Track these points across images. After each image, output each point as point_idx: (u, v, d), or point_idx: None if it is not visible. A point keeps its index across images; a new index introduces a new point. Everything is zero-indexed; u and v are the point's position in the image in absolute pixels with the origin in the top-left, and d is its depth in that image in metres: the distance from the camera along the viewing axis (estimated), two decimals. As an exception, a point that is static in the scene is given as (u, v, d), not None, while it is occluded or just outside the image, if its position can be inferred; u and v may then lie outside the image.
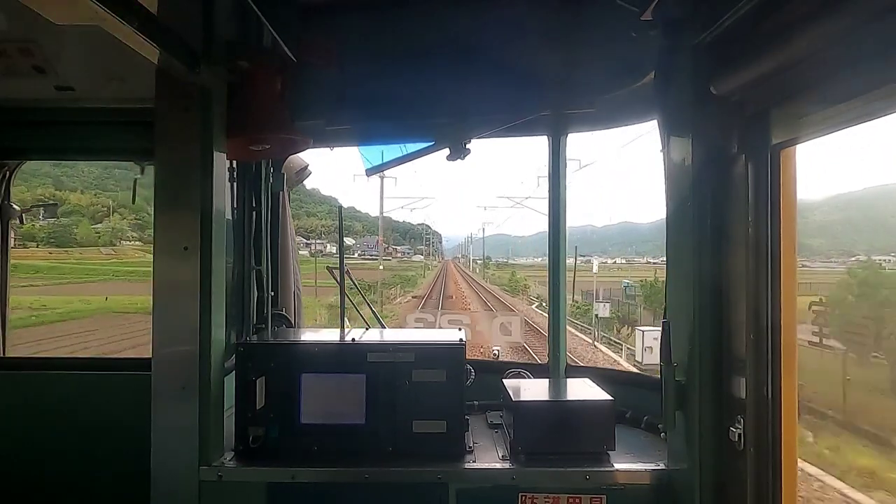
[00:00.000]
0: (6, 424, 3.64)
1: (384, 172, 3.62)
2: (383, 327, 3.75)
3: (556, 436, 2.68)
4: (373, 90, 3.19)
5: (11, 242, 4.15)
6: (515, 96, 3.15)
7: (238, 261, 3.46)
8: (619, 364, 21.01)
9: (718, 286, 2.28)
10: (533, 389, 3.05)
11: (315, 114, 3.22)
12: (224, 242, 2.76)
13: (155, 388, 2.57)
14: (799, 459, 2.08)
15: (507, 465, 2.65)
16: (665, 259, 2.57)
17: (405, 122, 3.36)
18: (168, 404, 2.55)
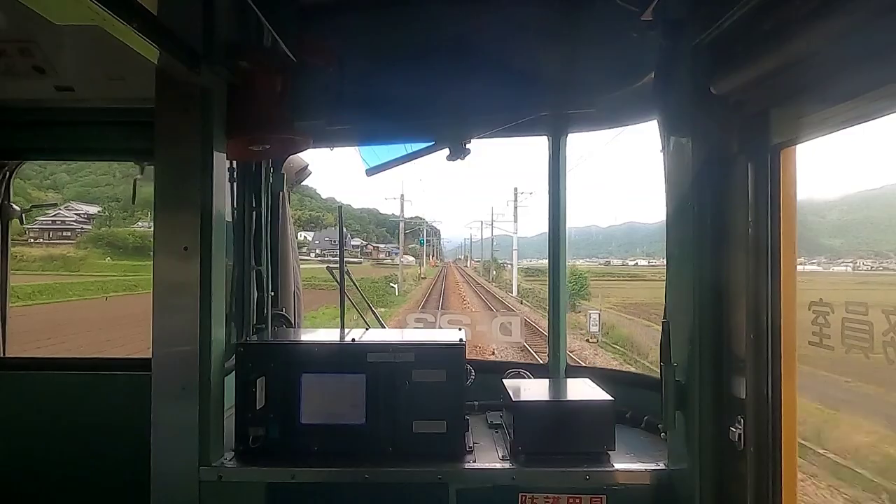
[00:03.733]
0: (6, 424, 3.65)
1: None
2: (383, 327, 3.75)
3: (556, 436, 2.68)
4: (373, 90, 3.19)
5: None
6: (515, 96, 3.15)
7: (238, 261, 3.46)
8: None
9: (718, 286, 2.28)
10: (533, 389, 3.05)
11: (315, 114, 3.22)
12: (224, 242, 2.76)
13: (155, 389, 2.57)
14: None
15: (507, 465, 2.64)
16: (665, 259, 2.57)
17: (405, 122, 3.37)
18: (168, 404, 2.55)
